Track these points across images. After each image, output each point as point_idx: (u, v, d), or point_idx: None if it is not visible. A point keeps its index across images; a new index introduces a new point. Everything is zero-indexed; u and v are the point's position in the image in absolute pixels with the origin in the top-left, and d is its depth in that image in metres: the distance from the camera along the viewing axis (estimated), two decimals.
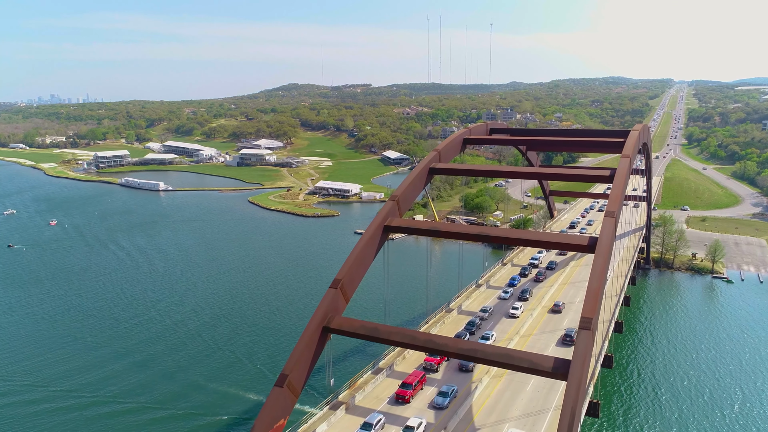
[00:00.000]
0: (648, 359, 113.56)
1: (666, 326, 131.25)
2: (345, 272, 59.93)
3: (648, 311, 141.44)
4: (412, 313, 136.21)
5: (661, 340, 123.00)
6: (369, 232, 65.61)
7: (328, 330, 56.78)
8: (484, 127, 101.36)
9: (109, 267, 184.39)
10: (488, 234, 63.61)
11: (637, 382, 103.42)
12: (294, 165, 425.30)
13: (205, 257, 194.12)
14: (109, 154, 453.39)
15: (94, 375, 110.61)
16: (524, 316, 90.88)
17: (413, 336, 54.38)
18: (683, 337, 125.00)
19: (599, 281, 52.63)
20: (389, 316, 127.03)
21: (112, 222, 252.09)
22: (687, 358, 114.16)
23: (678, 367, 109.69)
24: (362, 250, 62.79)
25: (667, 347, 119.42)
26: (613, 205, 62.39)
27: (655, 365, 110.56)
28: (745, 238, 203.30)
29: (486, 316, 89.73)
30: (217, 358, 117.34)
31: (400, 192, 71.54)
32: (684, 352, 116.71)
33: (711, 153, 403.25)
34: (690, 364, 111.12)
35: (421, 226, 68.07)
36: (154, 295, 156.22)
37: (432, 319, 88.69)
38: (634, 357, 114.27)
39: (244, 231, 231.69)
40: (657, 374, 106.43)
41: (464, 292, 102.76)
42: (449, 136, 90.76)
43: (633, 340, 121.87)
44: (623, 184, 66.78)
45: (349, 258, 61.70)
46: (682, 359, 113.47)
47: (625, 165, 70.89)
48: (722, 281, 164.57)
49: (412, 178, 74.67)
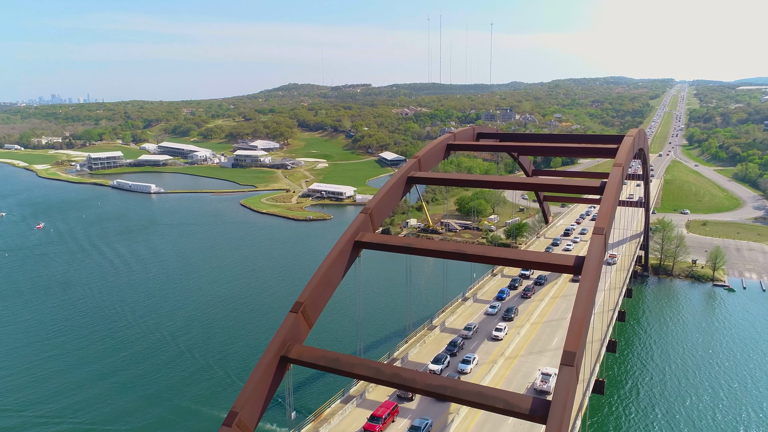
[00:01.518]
0: (644, 383, 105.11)
1: (663, 344, 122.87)
2: (308, 294, 54.37)
3: (645, 326, 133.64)
4: (392, 329, 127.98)
5: (658, 361, 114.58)
6: (337, 249, 60.09)
7: (286, 360, 51.35)
8: (470, 132, 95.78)
9: (91, 276, 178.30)
10: (466, 252, 57.99)
11: (631, 409, 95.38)
12: (289, 166, 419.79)
13: (190, 266, 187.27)
14: (103, 156, 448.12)
15: (72, 398, 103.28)
16: (510, 336, 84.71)
17: (378, 369, 48.80)
18: (683, 355, 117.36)
19: (585, 309, 47.07)
20: (365, 335, 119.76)
21: (99, 227, 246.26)
22: (687, 379, 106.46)
23: (676, 391, 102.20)
24: (329, 269, 57.18)
25: (665, 368, 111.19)
26: (602, 220, 56.79)
27: (653, 390, 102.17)
28: (747, 243, 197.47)
29: (470, 335, 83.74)
30: (207, 379, 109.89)
31: (373, 204, 66.06)
32: (684, 373, 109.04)
33: (712, 154, 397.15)
34: (690, 387, 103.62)
35: (394, 242, 62.54)
36: (135, 308, 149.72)
37: (412, 337, 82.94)
38: (629, 380, 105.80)
39: (233, 236, 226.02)
40: (654, 400, 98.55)
41: (449, 306, 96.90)
42: (431, 141, 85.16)
43: (628, 361, 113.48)
44: (614, 197, 61.18)
45: (314, 278, 56.10)
46: (682, 380, 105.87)
47: (616, 175, 65.35)
48: (723, 289, 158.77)
49: (387, 189, 69.16)
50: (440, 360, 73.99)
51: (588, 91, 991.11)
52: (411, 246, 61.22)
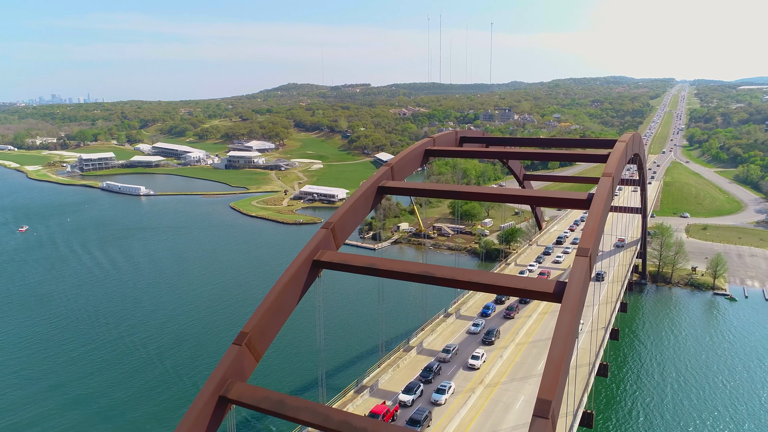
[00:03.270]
0: (638, 412, 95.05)
1: (660, 365, 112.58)
2: (255, 323, 47.77)
3: (640, 344, 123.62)
4: (365, 349, 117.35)
5: (654, 385, 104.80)
6: (292, 269, 53.82)
7: (226, 401, 44.96)
8: (452, 136, 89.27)
9: (64, 286, 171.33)
10: (434, 275, 51.46)
11: None
12: (283, 168, 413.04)
13: (162, 277, 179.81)
14: (94, 157, 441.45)
15: (22, 415, 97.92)
16: (492, 361, 77.22)
17: (327, 416, 42.31)
18: (681, 376, 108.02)
19: (564, 347, 40.49)
20: (334, 359, 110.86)
21: (83, 233, 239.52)
22: (686, 403, 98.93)
23: (675, 419, 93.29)
24: (281, 293, 50.74)
25: (661, 393, 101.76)
26: (587, 239, 50.17)
27: (649, 420, 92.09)
28: (749, 248, 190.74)
29: (449, 358, 76.88)
30: (170, 390, 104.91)
31: (336, 218, 59.65)
32: (683, 397, 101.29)
33: (713, 155, 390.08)
34: (690, 413, 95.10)
35: (358, 262, 55.92)
36: (103, 316, 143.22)
37: (386, 360, 76.22)
38: (621, 410, 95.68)
39: (219, 241, 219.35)
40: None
41: (429, 324, 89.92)
42: (411, 146, 78.66)
43: (620, 387, 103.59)
44: (602, 212, 54.61)
45: (263, 304, 49.56)
46: (678, 407, 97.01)
47: (605, 187, 58.77)
48: (725, 298, 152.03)
49: (353, 201, 62.76)
50: (412, 389, 67.21)
51: (588, 90, 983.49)
52: (375, 267, 54.74)
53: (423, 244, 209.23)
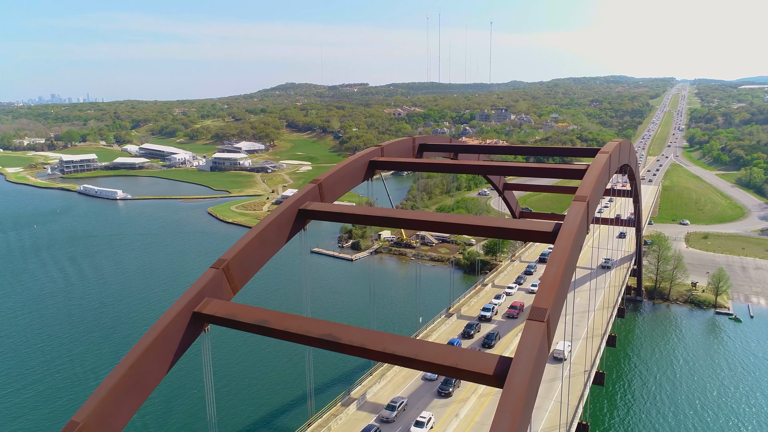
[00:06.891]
0: (637, 424, 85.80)
1: (653, 410, 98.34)
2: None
3: (631, 378, 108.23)
4: (288, 399, 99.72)
5: (652, 402, 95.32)
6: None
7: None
8: (408, 144, 75.37)
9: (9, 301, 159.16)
10: (339, 341, 38.21)
11: None
12: (270, 170, 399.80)
13: (112, 293, 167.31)
14: (76, 158, 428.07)
15: None
16: (446, 422, 62.98)
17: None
18: (679, 417, 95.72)
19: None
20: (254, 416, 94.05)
21: (44, 240, 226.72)
22: None
23: None
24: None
25: (658, 413, 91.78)
26: (544, 295, 36.43)
27: None
28: (754, 260, 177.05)
29: (393, 417, 62.40)
30: None
31: (231, 256, 46.39)
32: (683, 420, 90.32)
33: (714, 157, 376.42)
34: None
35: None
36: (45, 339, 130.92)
37: (317, 420, 62.63)
38: (618, 421, 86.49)
39: (187, 250, 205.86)
40: None
41: (378, 368, 76.09)
42: (353, 156, 65.52)
43: (618, 397, 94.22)
44: (569, 250, 41.09)
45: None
46: None
47: (576, 215, 45.19)
48: (728, 318, 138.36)
49: (258, 231, 49.28)
50: None
51: (587, 90, 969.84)
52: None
53: (404, 254, 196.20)
